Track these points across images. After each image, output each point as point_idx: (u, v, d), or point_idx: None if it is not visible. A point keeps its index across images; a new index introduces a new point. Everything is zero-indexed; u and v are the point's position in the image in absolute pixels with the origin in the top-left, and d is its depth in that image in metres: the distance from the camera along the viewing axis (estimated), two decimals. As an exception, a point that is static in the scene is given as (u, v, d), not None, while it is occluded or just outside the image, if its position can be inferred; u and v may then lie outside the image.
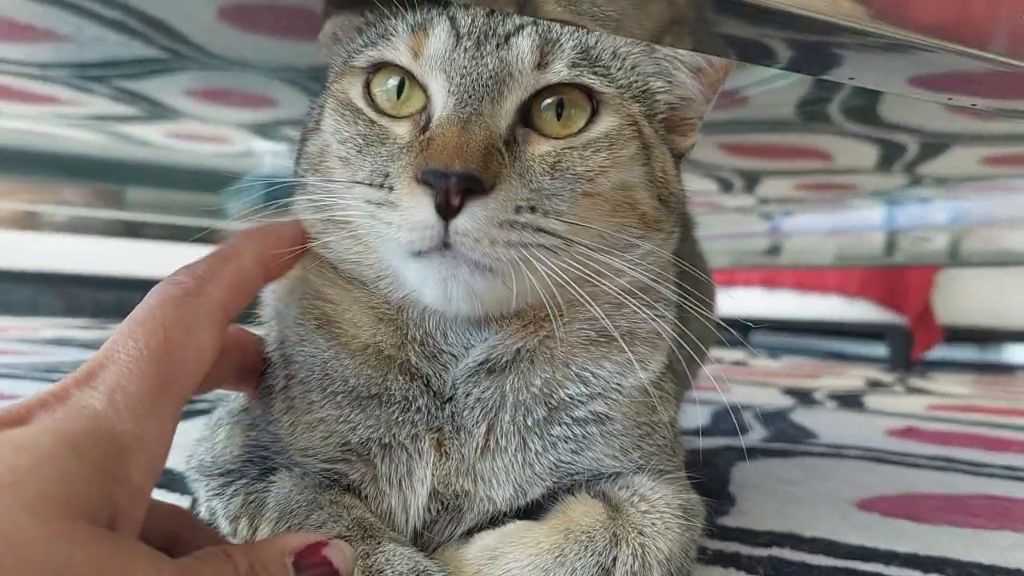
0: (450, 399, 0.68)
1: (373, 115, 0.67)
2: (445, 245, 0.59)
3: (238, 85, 1.53)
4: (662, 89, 0.73)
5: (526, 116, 0.65)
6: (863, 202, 2.51)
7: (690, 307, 0.73)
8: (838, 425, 1.83)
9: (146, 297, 0.55)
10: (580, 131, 0.66)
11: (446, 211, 0.57)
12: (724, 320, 1.22)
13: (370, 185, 0.62)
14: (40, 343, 2.48)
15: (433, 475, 0.67)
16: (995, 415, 2.14)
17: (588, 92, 0.67)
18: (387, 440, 0.68)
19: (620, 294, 0.67)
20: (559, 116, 0.66)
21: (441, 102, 0.64)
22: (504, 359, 0.68)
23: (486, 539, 0.64)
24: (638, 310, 0.69)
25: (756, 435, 1.63)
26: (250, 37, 1.23)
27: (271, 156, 2.05)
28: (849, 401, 2.32)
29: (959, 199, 2.32)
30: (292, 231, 0.68)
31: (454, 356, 0.68)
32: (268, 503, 0.66)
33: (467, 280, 0.60)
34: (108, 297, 3.55)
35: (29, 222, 2.47)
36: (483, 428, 0.67)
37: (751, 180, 2.28)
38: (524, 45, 0.65)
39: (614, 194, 0.67)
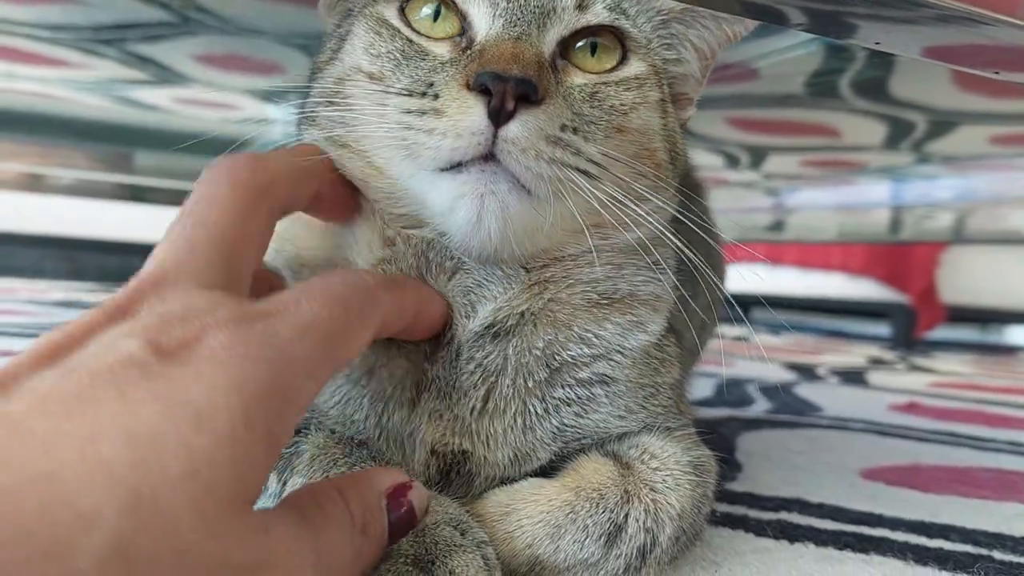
0: (452, 363, 0.68)
1: (410, 33, 0.66)
2: (487, 157, 0.58)
3: (248, 51, 1.52)
4: (670, 59, 0.75)
5: (563, 53, 0.67)
6: (868, 178, 2.51)
7: (704, 274, 0.73)
8: (841, 399, 1.84)
9: (328, 277, 0.54)
10: (613, 70, 0.68)
11: (498, 117, 0.57)
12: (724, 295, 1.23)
13: (410, 95, 0.61)
14: (49, 305, 2.49)
15: (430, 437, 0.67)
16: (997, 393, 2.14)
17: (619, 38, 0.69)
18: (387, 412, 0.68)
19: (622, 251, 0.70)
20: (592, 56, 0.68)
21: (486, 24, 0.64)
22: (509, 323, 0.68)
23: (499, 495, 0.65)
24: (638, 272, 0.71)
25: (760, 407, 1.63)
26: (261, 2, 1.23)
27: (283, 124, 2.05)
28: (852, 377, 2.32)
29: (965, 177, 2.32)
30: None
31: (462, 307, 0.68)
32: (302, 453, 0.66)
33: (504, 198, 0.59)
34: (113, 262, 3.53)
35: (35, 185, 2.47)
36: (481, 392, 0.67)
37: (757, 155, 2.29)
38: None
39: (639, 136, 0.68)
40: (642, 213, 0.65)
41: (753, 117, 1.85)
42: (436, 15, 0.66)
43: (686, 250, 0.70)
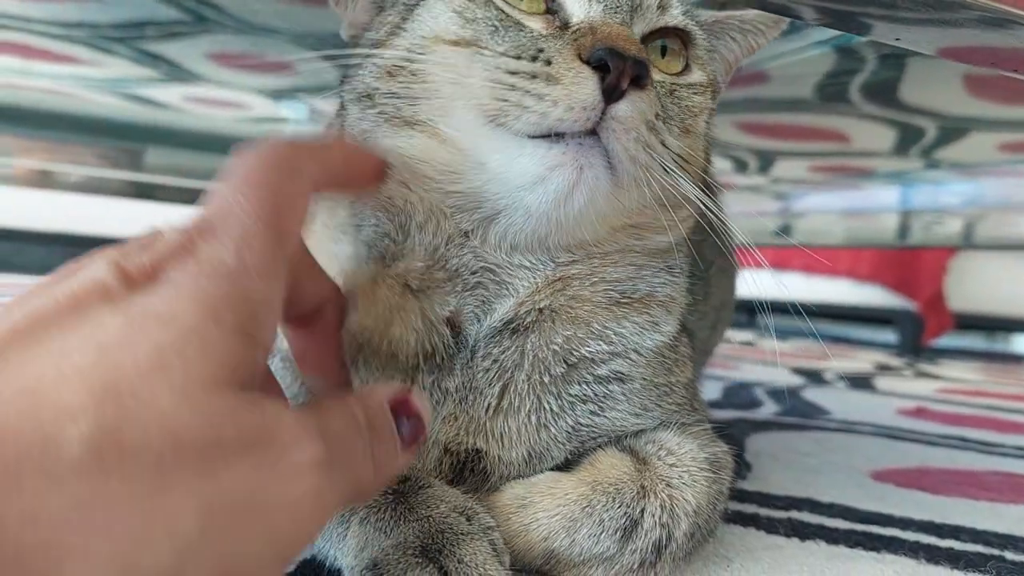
0: (468, 361, 0.67)
1: (501, 4, 0.64)
2: (586, 132, 0.58)
3: (259, 50, 1.53)
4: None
5: None
6: (877, 184, 2.51)
7: (721, 273, 0.73)
8: (849, 403, 1.84)
9: (241, 159, 0.51)
10: (680, 74, 0.70)
11: (611, 94, 0.57)
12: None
13: (518, 58, 0.60)
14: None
15: (443, 437, 0.67)
16: (1005, 400, 2.14)
17: (684, 44, 0.70)
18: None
19: (647, 253, 0.70)
20: (661, 58, 0.69)
21: (581, 8, 0.64)
22: (529, 318, 0.67)
23: (516, 488, 0.65)
24: (656, 273, 0.72)
25: (768, 410, 1.64)
26: (272, 2, 1.23)
27: (294, 123, 2.06)
28: (859, 382, 2.32)
29: (974, 183, 2.31)
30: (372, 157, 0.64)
31: (475, 313, 0.67)
32: None
33: (598, 173, 0.58)
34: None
35: (44, 181, 2.47)
36: (496, 389, 0.67)
37: (766, 160, 2.29)
38: None
39: (695, 140, 0.69)
40: (674, 221, 0.66)
41: (762, 122, 1.85)
42: None
43: (710, 249, 0.70)
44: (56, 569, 0.32)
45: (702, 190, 0.73)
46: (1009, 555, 0.80)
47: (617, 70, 0.57)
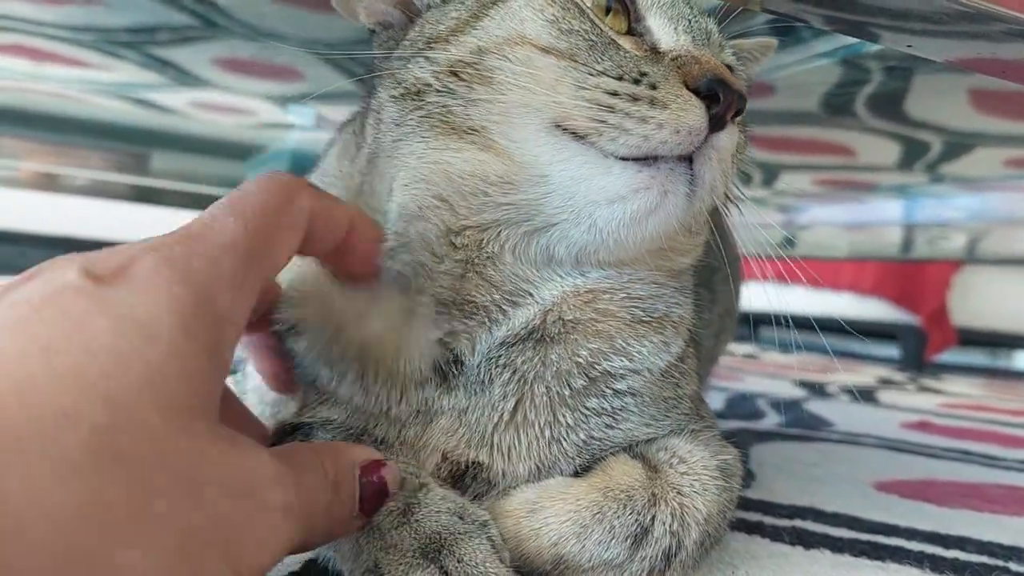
0: (474, 376, 0.66)
1: (594, 18, 0.64)
2: (681, 157, 0.59)
3: (267, 55, 1.53)
4: None
5: None
6: (881, 197, 2.51)
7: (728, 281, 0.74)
8: (852, 416, 1.84)
9: (245, 185, 0.53)
10: None
11: (715, 123, 0.58)
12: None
13: (620, 79, 0.59)
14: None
15: (442, 446, 0.66)
16: (1007, 415, 2.13)
17: None
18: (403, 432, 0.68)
19: (668, 274, 0.71)
20: None
21: (668, 35, 0.65)
22: (555, 329, 0.66)
23: (527, 492, 0.64)
24: (672, 295, 0.72)
25: (771, 421, 1.64)
26: (281, 8, 1.24)
27: (300, 130, 2.06)
28: (862, 395, 2.32)
29: (978, 198, 2.31)
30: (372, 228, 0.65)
31: (500, 312, 0.66)
32: None
33: (678, 200, 0.59)
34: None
35: (50, 184, 2.47)
36: (511, 403, 0.66)
37: (770, 173, 2.29)
38: (713, 26, 0.70)
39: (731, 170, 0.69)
40: (697, 246, 0.70)
41: (767, 134, 1.85)
42: (608, 9, 0.65)
43: (715, 257, 0.70)
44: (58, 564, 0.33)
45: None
46: (1014, 566, 0.79)
47: (727, 101, 0.58)
